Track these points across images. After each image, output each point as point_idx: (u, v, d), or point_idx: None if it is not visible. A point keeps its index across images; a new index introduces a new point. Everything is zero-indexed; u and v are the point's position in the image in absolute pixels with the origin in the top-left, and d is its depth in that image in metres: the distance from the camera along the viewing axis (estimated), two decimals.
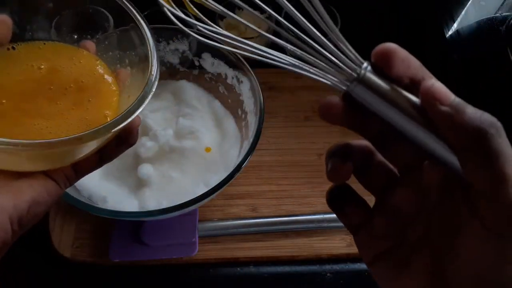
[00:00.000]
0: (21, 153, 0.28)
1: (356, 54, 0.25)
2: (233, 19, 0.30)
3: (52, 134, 0.32)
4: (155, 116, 0.59)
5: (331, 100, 0.25)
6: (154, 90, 0.33)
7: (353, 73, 0.24)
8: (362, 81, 0.24)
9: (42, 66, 0.34)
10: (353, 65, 0.24)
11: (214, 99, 0.62)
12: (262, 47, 0.29)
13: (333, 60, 0.25)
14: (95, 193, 0.53)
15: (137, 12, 0.37)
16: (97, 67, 0.36)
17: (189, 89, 0.62)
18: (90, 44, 0.37)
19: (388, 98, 0.24)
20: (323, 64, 0.25)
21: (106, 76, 0.36)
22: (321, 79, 0.25)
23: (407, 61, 0.24)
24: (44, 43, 0.36)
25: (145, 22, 0.36)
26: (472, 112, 0.24)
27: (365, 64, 0.24)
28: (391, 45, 0.23)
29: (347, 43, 0.25)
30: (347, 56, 0.25)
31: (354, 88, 0.24)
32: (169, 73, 0.64)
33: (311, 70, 0.26)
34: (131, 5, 0.37)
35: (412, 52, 0.25)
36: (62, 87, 0.34)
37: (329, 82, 0.25)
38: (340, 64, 0.24)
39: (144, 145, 0.55)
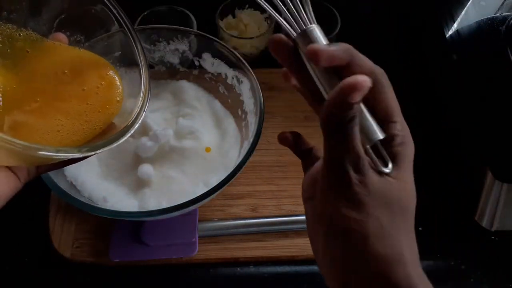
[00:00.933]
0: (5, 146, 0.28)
1: (312, 17, 0.32)
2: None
3: (60, 132, 0.32)
4: (155, 116, 0.59)
5: (282, 37, 0.33)
6: (138, 123, 0.33)
7: (301, 27, 0.32)
8: (304, 35, 0.32)
9: (66, 71, 0.35)
10: (306, 22, 0.32)
11: (214, 99, 0.62)
12: None
13: (295, 15, 0.33)
14: (95, 193, 0.53)
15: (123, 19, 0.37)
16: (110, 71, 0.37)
17: (189, 89, 0.62)
18: (63, 36, 0.37)
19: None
20: (289, 15, 0.33)
21: (118, 83, 0.37)
22: (282, 23, 0.33)
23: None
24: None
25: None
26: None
27: (313, 25, 0.32)
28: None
29: (310, 8, 0.33)
30: (306, 15, 0.32)
31: (298, 38, 0.32)
32: (169, 73, 0.64)
33: (277, 15, 0.33)
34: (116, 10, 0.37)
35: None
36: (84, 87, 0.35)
37: (286, 27, 0.33)
38: (299, 19, 0.32)
39: (144, 145, 0.55)
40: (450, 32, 0.65)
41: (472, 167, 0.61)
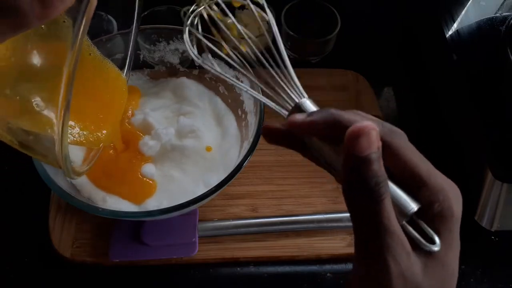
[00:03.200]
0: None
1: (301, 91, 0.32)
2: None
3: None
4: (156, 114, 0.59)
5: (271, 125, 0.32)
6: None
7: (288, 108, 0.32)
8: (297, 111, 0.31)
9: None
10: (294, 100, 0.32)
11: (215, 95, 0.62)
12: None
13: (282, 95, 0.33)
14: (95, 193, 0.53)
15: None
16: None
17: (190, 86, 0.62)
18: None
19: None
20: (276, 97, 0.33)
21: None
22: (273, 107, 0.33)
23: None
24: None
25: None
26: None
27: (303, 99, 0.32)
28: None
29: (296, 82, 0.33)
30: (294, 91, 0.32)
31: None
32: (169, 73, 0.64)
33: (267, 100, 0.34)
34: None
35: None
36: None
37: (278, 110, 0.33)
38: (286, 98, 0.33)
39: (147, 144, 0.55)
40: (450, 32, 0.65)
41: (472, 167, 0.61)
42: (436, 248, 0.26)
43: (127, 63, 0.51)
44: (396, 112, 0.72)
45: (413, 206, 0.27)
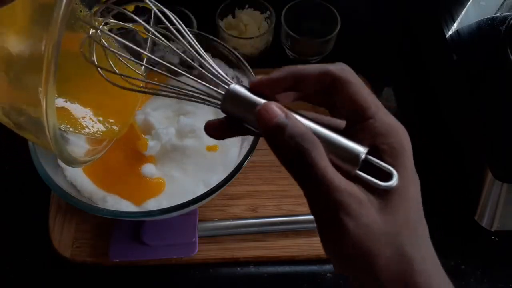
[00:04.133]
0: None
1: (227, 78, 0.32)
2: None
3: None
4: (156, 114, 0.59)
5: (211, 122, 0.32)
6: None
7: (217, 101, 0.31)
8: (225, 102, 0.31)
9: None
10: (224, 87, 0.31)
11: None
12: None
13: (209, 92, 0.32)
14: (95, 193, 0.53)
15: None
16: None
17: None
18: None
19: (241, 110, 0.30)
20: (204, 93, 0.33)
21: None
22: (202, 102, 0.33)
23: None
24: None
25: None
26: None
27: (231, 86, 0.31)
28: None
29: (221, 72, 0.33)
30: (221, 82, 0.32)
31: (224, 105, 0.31)
32: (169, 73, 0.63)
33: (197, 97, 0.33)
34: None
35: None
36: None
37: (210, 104, 0.32)
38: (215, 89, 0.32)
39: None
40: (450, 32, 0.65)
41: (472, 167, 0.61)
42: (393, 182, 0.26)
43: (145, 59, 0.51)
44: (396, 112, 0.72)
45: (361, 150, 0.27)
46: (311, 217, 0.57)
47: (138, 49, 0.35)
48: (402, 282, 0.26)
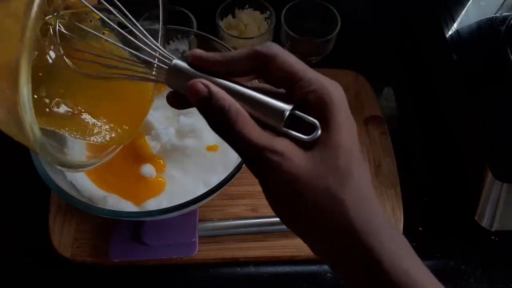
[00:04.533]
0: None
1: (168, 53, 0.33)
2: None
3: None
4: (156, 114, 0.59)
5: (170, 93, 0.34)
6: None
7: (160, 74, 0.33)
8: (167, 77, 0.33)
9: None
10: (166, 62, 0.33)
11: None
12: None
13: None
14: (95, 193, 0.53)
15: None
16: None
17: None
18: None
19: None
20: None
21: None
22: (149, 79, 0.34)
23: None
24: None
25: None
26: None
27: (174, 61, 0.33)
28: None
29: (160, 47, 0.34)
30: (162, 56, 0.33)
31: (167, 81, 0.33)
32: None
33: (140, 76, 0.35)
34: None
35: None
36: None
37: (155, 80, 0.34)
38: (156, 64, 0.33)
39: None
40: (450, 32, 0.65)
41: (472, 167, 0.61)
42: (316, 134, 0.28)
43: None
44: (396, 112, 0.72)
45: (286, 107, 0.29)
46: None
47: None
48: (338, 222, 0.28)
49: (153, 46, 0.34)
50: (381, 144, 0.65)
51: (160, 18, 0.49)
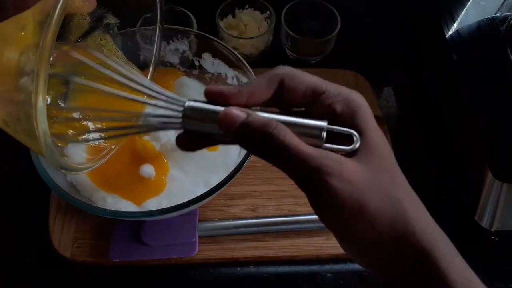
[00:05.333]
0: None
1: (179, 98, 0.32)
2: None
3: None
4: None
5: (180, 136, 0.32)
6: None
7: (179, 121, 0.31)
8: (184, 121, 0.31)
9: None
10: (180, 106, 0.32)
11: None
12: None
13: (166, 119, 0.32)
14: (95, 193, 0.53)
15: None
16: None
17: (190, 85, 0.62)
18: None
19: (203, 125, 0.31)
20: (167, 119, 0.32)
21: None
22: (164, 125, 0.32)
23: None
24: None
25: None
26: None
27: (187, 101, 0.31)
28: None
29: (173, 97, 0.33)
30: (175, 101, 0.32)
31: (185, 125, 0.31)
32: None
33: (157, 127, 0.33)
34: None
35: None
36: None
37: (173, 128, 0.32)
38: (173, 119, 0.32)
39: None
40: (450, 32, 0.65)
41: (472, 167, 0.61)
42: (356, 143, 0.29)
43: (152, 64, 0.53)
44: (396, 112, 0.72)
45: (322, 124, 0.29)
46: (311, 217, 0.57)
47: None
48: (396, 225, 0.28)
49: (161, 93, 0.33)
50: None
51: (158, 18, 0.49)
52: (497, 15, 0.64)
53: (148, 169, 0.54)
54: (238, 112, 0.29)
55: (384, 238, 0.28)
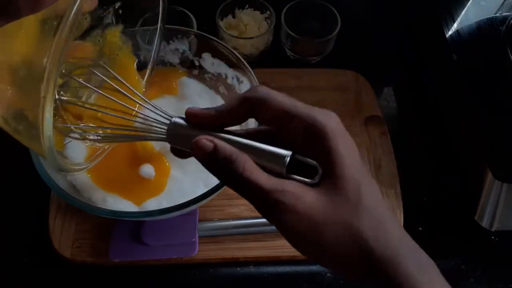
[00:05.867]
0: None
1: (166, 113, 0.35)
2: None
3: None
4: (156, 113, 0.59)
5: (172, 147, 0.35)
6: None
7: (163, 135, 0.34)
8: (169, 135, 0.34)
9: None
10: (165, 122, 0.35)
11: (215, 94, 0.62)
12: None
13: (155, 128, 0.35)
14: (95, 193, 0.53)
15: None
16: None
17: (190, 85, 0.62)
18: None
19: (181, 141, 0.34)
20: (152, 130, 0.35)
21: None
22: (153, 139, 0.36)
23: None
24: None
25: None
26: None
27: (173, 119, 0.34)
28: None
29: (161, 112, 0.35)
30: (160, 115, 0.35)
31: (168, 139, 0.34)
32: None
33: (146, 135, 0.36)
34: None
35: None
36: None
37: (158, 139, 0.35)
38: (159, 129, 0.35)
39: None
40: (450, 32, 0.65)
41: (472, 167, 0.61)
42: (318, 176, 0.29)
43: (150, 65, 0.53)
44: (396, 112, 0.72)
45: (286, 153, 0.30)
46: None
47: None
48: (359, 253, 0.28)
49: (151, 107, 0.36)
50: (381, 144, 0.65)
51: (159, 17, 0.49)
52: (497, 15, 0.64)
53: (148, 169, 0.54)
54: (206, 143, 0.31)
55: (351, 267, 0.29)
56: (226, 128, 0.33)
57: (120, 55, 0.49)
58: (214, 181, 0.50)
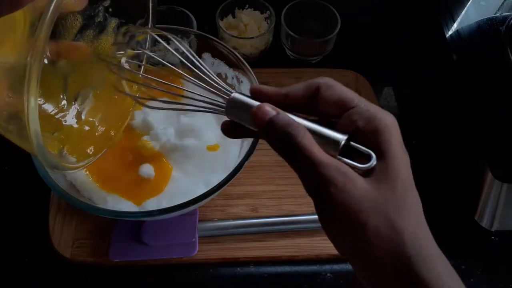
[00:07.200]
0: None
1: (227, 87, 0.36)
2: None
3: None
4: (156, 113, 0.59)
5: (225, 122, 0.36)
6: None
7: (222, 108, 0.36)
8: (228, 107, 0.35)
9: None
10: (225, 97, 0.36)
11: None
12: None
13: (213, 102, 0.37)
14: (95, 193, 0.53)
15: None
16: None
17: (191, 85, 0.62)
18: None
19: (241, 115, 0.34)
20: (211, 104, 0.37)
21: None
22: (212, 111, 0.37)
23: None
24: None
25: None
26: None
27: (232, 94, 0.35)
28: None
29: (220, 82, 0.37)
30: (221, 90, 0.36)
31: (227, 112, 0.35)
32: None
33: (205, 109, 0.37)
34: None
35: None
36: None
37: (216, 113, 0.37)
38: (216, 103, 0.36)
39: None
40: (450, 32, 0.65)
41: (472, 167, 0.61)
42: (371, 163, 0.29)
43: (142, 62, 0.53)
44: (396, 112, 0.72)
45: (341, 137, 0.31)
46: (311, 217, 0.57)
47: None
48: (393, 252, 0.28)
49: (213, 80, 0.37)
50: None
51: (150, 20, 0.49)
52: (497, 15, 0.64)
53: (147, 169, 0.54)
54: (269, 109, 0.31)
55: (379, 263, 0.29)
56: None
57: None
58: (214, 181, 0.50)
